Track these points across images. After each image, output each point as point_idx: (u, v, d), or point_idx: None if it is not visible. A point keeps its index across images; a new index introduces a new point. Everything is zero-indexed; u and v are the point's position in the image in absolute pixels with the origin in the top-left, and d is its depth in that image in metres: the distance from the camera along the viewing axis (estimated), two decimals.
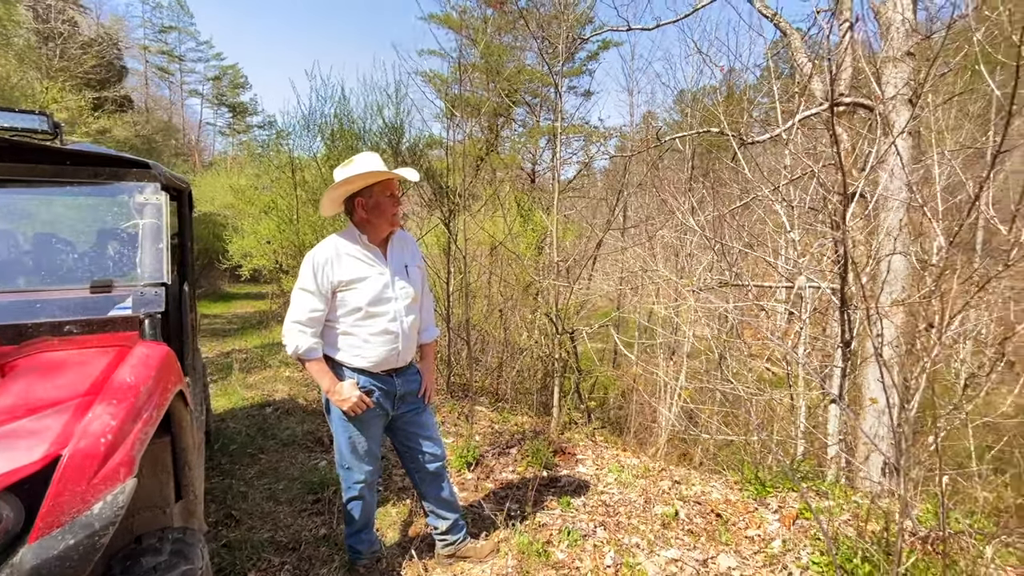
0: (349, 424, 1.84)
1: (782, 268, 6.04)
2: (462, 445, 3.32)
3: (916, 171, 5.03)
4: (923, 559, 1.83)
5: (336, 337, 1.81)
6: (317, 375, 1.79)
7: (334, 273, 1.76)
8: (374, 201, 1.80)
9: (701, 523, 2.40)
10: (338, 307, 1.79)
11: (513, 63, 11.28)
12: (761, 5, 7.33)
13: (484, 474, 3.05)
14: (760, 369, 7.21)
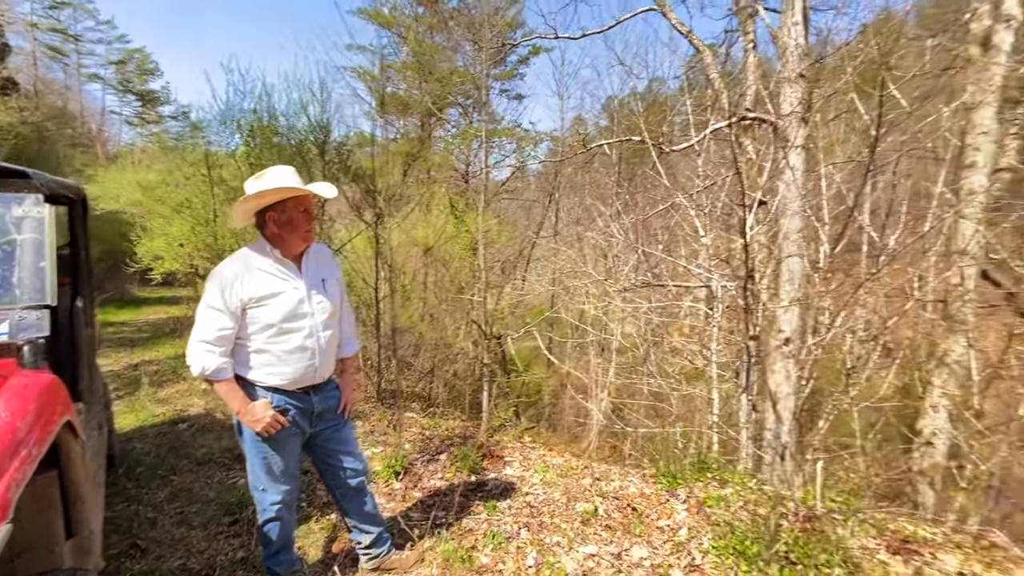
0: (263, 444, 1.80)
1: (696, 270, 6.49)
2: (390, 454, 3.32)
3: (809, 181, 5.60)
4: (802, 536, 2.08)
5: (248, 355, 1.76)
6: (227, 396, 1.73)
7: (243, 289, 1.69)
8: (287, 216, 1.75)
9: (618, 517, 2.57)
10: (249, 324, 1.73)
11: (446, 63, 11.23)
12: (676, 22, 7.81)
13: (412, 483, 3.07)
14: (681, 364, 7.70)
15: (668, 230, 9.58)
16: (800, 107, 5.27)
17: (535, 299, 13.90)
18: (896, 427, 6.46)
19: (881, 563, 1.90)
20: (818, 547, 1.90)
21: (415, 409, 4.56)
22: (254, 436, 1.78)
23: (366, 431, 3.92)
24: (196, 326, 1.70)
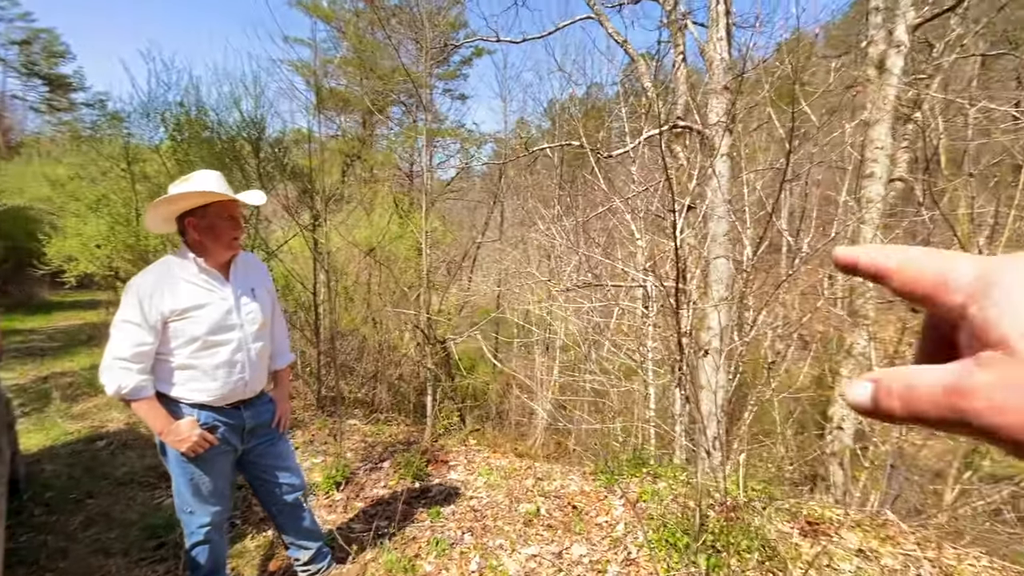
0: (189, 465, 1.71)
1: (632, 271, 6.78)
2: (331, 464, 3.25)
3: (733, 188, 6.00)
4: (726, 525, 2.25)
5: (170, 371, 1.66)
6: (147, 416, 1.63)
7: (164, 302, 1.60)
8: (208, 222, 1.67)
9: (559, 516, 2.66)
10: (172, 338, 1.64)
11: (388, 61, 10.99)
12: (612, 31, 8.10)
13: (354, 492, 3.03)
14: (620, 361, 8.01)
15: (607, 232, 9.93)
16: (725, 117, 5.62)
17: (481, 300, 13.95)
18: (811, 415, 7.07)
19: (794, 545, 2.11)
20: (740, 535, 2.08)
21: (358, 416, 4.47)
22: (179, 456, 1.70)
23: (305, 441, 3.81)
24: (111, 342, 1.59)
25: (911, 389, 0.23)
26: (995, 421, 0.20)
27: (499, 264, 12.80)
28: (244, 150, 6.21)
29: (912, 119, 7.00)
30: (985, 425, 0.21)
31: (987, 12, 7.17)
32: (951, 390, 0.22)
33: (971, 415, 0.21)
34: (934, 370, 0.23)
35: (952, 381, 0.22)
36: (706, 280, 5.80)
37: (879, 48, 5.93)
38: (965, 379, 0.21)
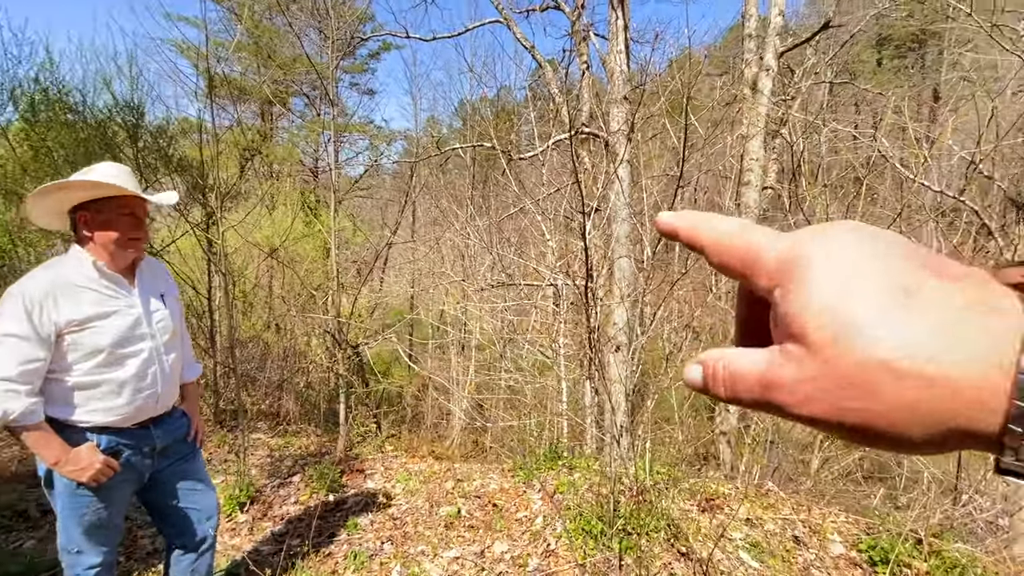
0: (84, 497, 1.48)
1: (544, 270, 7.03)
2: (233, 484, 3.01)
3: (634, 192, 6.45)
4: (636, 509, 2.43)
5: (66, 392, 1.44)
6: (38, 445, 1.39)
7: (59, 311, 1.39)
8: (104, 218, 1.47)
9: (480, 516, 2.70)
10: (68, 353, 1.41)
11: (289, 49, 10.28)
12: (520, 36, 8.29)
13: (261, 512, 2.83)
14: (534, 358, 8.25)
15: (519, 232, 10.17)
16: (625, 126, 6.00)
17: (394, 301, 13.59)
18: (703, 400, 7.79)
19: (694, 521, 2.33)
20: (648, 516, 2.26)
21: (262, 429, 4.17)
22: (72, 488, 1.47)
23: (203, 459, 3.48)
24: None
25: (731, 375, 0.24)
26: (802, 412, 0.22)
27: (412, 264, 12.58)
28: (119, 137, 5.50)
29: (779, 134, 7.97)
30: (794, 415, 0.22)
31: (833, 47, 8.37)
32: (763, 383, 0.23)
33: (783, 407, 0.22)
34: (750, 358, 0.24)
35: (762, 373, 0.23)
36: (611, 278, 6.16)
37: (753, 71, 6.67)
38: (773, 372, 0.22)
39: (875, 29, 9.32)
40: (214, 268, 4.27)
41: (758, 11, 6.95)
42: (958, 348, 0.19)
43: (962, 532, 1.94)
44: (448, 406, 8.14)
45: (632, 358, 6.07)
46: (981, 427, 0.19)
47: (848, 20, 7.67)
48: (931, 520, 1.88)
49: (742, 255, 0.24)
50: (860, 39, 8.33)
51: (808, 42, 6.47)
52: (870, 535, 2.09)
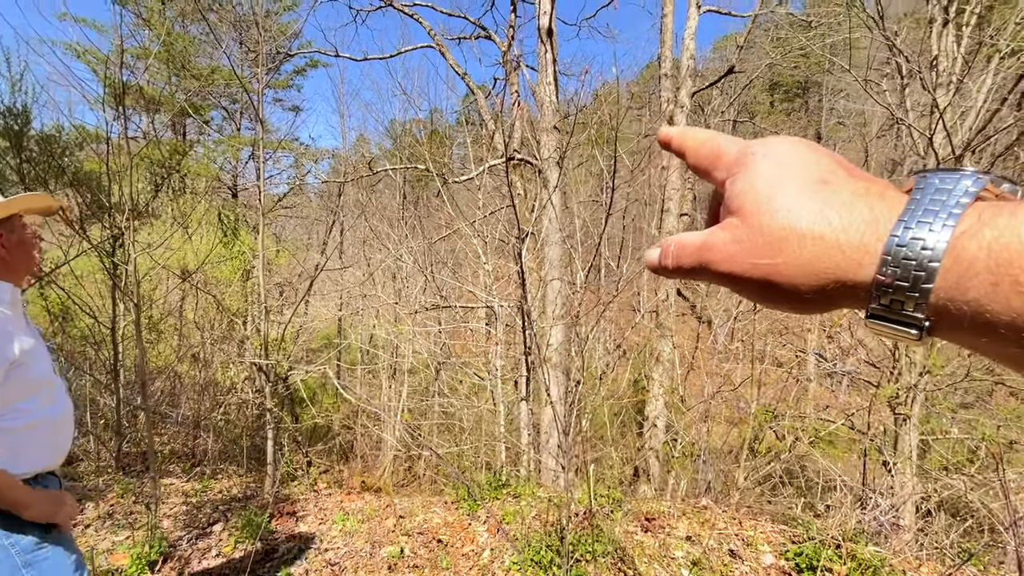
0: (56, 546, 1.31)
1: (479, 292, 7.05)
2: (142, 540, 2.69)
3: (565, 217, 6.69)
4: (583, 534, 2.47)
5: (12, 439, 1.25)
6: (11, 491, 1.21)
7: (9, 343, 1.21)
8: (17, 238, 1.32)
9: (424, 553, 2.62)
10: (12, 391, 1.23)
11: (205, 60, 9.68)
12: (453, 63, 8.43)
13: (176, 570, 2.55)
14: (469, 381, 8.19)
15: (452, 253, 10.14)
16: (556, 153, 6.24)
17: (320, 325, 12.95)
18: (632, 416, 8.11)
19: (639, 542, 2.41)
20: (594, 541, 2.30)
21: (175, 472, 3.79)
22: (35, 545, 1.26)
23: (102, 515, 3.09)
24: None
25: (679, 246, 0.29)
26: (723, 268, 0.27)
27: (340, 287, 12.10)
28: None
29: None
30: (720, 271, 0.27)
31: (735, 89, 9.32)
32: (702, 248, 0.28)
33: (711, 264, 0.28)
34: (695, 233, 0.29)
35: (703, 240, 0.28)
36: (543, 300, 6.30)
37: (669, 108, 7.23)
38: (711, 239, 0.28)
39: (768, 76, 10.57)
40: (119, 294, 3.86)
41: (672, 53, 7.57)
42: (849, 219, 0.24)
43: (871, 534, 2.18)
44: (380, 434, 7.84)
45: (567, 377, 6.21)
46: (859, 278, 0.24)
47: (747, 67, 8.57)
48: (847, 525, 2.09)
49: (710, 153, 0.31)
50: (757, 84, 9.33)
51: (716, 84, 7.13)
52: (795, 543, 2.28)
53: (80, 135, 6.87)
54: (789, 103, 15.93)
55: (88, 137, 6.78)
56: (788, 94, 16.17)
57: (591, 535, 2.26)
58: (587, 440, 5.30)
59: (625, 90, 8.21)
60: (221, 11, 9.15)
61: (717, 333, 6.68)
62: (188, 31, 10.06)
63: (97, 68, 10.08)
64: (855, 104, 6.71)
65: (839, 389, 7.24)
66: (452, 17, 8.58)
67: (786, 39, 6.57)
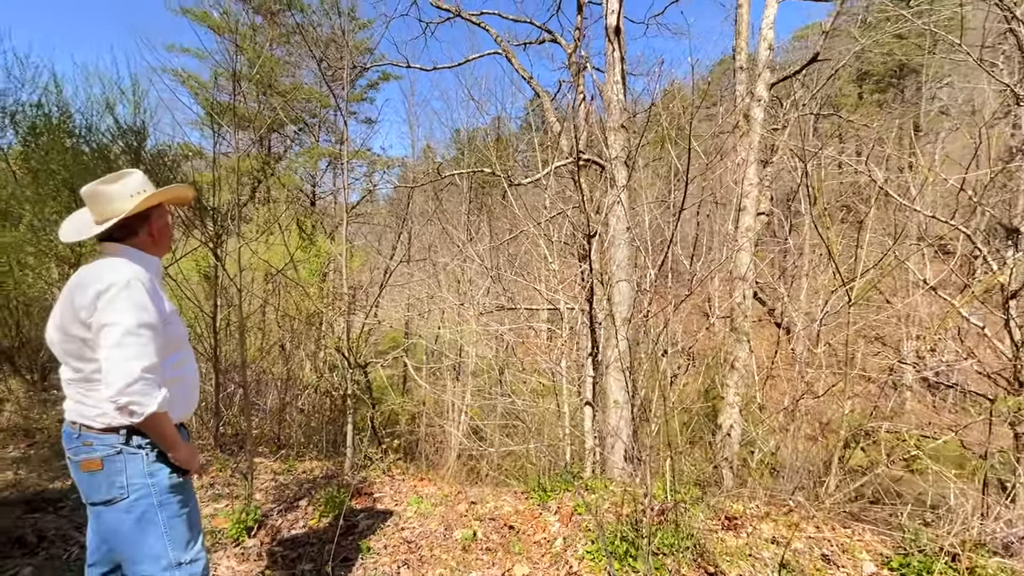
0: (185, 489, 1.49)
1: (544, 293, 7.05)
2: (239, 508, 2.91)
3: (632, 216, 6.56)
4: (659, 527, 2.39)
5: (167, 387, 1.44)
6: (167, 431, 1.39)
7: (163, 303, 1.40)
8: (164, 221, 1.54)
9: (496, 539, 2.63)
10: (165, 346, 1.41)
11: (289, 79, 10.48)
12: (519, 67, 8.54)
13: (270, 537, 2.73)
14: (533, 382, 8.19)
15: (516, 257, 10.23)
16: (623, 153, 6.14)
17: (387, 326, 13.48)
18: (705, 424, 7.75)
19: (720, 540, 2.29)
20: (673, 535, 2.22)
21: (264, 454, 4.06)
22: (174, 488, 1.44)
23: (204, 484, 3.37)
24: (127, 354, 1.29)
25: None
26: None
27: (407, 290, 12.55)
28: (120, 161, 5.52)
29: (771, 162, 8.21)
30: None
31: (818, 81, 8.74)
32: None
33: None
34: None
35: None
36: (610, 302, 6.18)
37: (745, 102, 6.92)
38: None
39: (856, 65, 9.80)
40: (221, 287, 4.24)
41: (747, 46, 7.25)
42: None
43: (995, 547, 1.93)
44: (450, 430, 7.99)
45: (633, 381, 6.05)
46: None
47: (832, 56, 8.03)
48: (967, 534, 1.87)
49: None
50: (842, 74, 8.72)
51: (797, 75, 6.75)
52: (900, 553, 2.07)
53: (184, 150, 7.61)
54: (881, 94, 14.67)
55: (191, 153, 7.50)
56: (879, 84, 14.90)
57: (670, 529, 2.18)
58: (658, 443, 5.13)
59: (697, 85, 7.95)
60: (305, 33, 9.86)
61: (800, 337, 6.25)
62: (273, 52, 10.93)
63: (198, 92, 11.20)
64: (962, 86, 6.09)
65: (943, 405, 6.50)
66: (518, 23, 8.73)
67: (877, 23, 6.07)
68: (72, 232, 1.49)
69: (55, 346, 1.43)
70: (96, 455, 1.39)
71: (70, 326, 1.37)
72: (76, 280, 1.42)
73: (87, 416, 1.40)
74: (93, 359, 1.36)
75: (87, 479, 1.42)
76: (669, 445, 6.78)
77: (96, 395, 1.39)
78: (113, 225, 1.44)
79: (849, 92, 14.84)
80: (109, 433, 1.39)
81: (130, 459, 1.41)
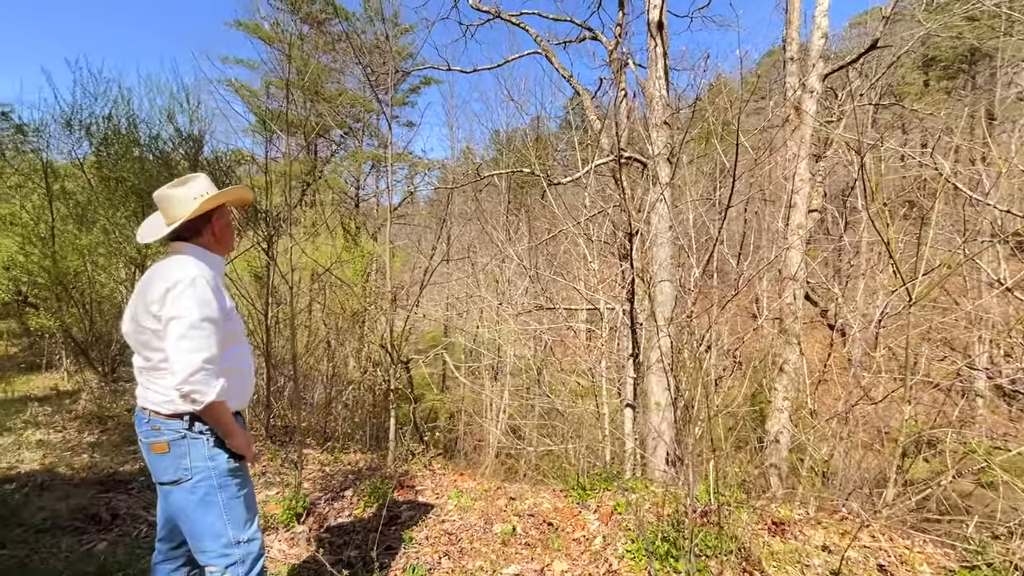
0: (242, 473, 1.59)
1: (584, 292, 6.99)
2: (289, 495, 3.04)
3: (675, 215, 6.40)
4: (702, 529, 2.33)
5: (226, 377, 1.54)
6: (225, 418, 1.50)
7: (224, 298, 1.52)
8: (225, 221, 1.65)
9: (536, 535, 2.64)
10: (224, 339, 1.52)
11: (334, 85, 10.87)
12: (559, 66, 8.51)
13: (317, 523, 2.84)
14: (571, 382, 8.13)
15: (555, 257, 10.20)
16: (666, 150, 6.01)
17: (426, 326, 13.74)
18: (751, 429, 7.47)
19: (766, 544, 2.21)
20: (716, 538, 2.16)
21: (311, 445, 4.23)
22: (233, 471, 1.54)
23: (256, 473, 3.54)
24: (191, 346, 1.40)
25: None
26: None
27: (446, 289, 12.74)
28: (180, 167, 5.88)
29: (824, 156, 7.83)
30: None
31: (877, 69, 8.27)
32: None
33: None
34: None
35: None
36: (652, 302, 6.06)
37: (796, 94, 6.63)
38: None
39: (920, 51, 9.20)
40: (272, 286, 4.44)
41: (799, 36, 6.95)
42: None
43: None
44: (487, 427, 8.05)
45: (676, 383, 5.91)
46: None
47: (892, 42, 7.58)
48: None
49: None
50: (905, 61, 8.21)
51: (854, 63, 6.42)
52: (965, 567, 1.93)
53: (238, 157, 8.00)
54: (949, 81, 13.64)
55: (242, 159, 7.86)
56: (947, 70, 13.86)
57: (713, 532, 2.12)
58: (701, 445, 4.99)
59: (745, 78, 7.69)
60: (351, 40, 10.18)
61: (855, 340, 5.93)
62: (319, 60, 11.35)
63: (249, 100, 11.77)
64: None
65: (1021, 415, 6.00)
66: (558, 22, 8.70)
67: (945, 5, 5.66)
68: (147, 234, 1.61)
69: (129, 336, 1.55)
70: (163, 438, 1.49)
71: (142, 318, 1.47)
72: (148, 276, 1.53)
73: (155, 402, 1.50)
74: (161, 349, 1.46)
75: (156, 460, 1.53)
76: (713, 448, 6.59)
77: (163, 383, 1.49)
78: (179, 226, 1.54)
79: (912, 80, 13.91)
80: (174, 419, 1.49)
81: (193, 443, 1.50)
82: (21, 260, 5.25)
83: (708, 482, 2.51)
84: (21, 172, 5.64)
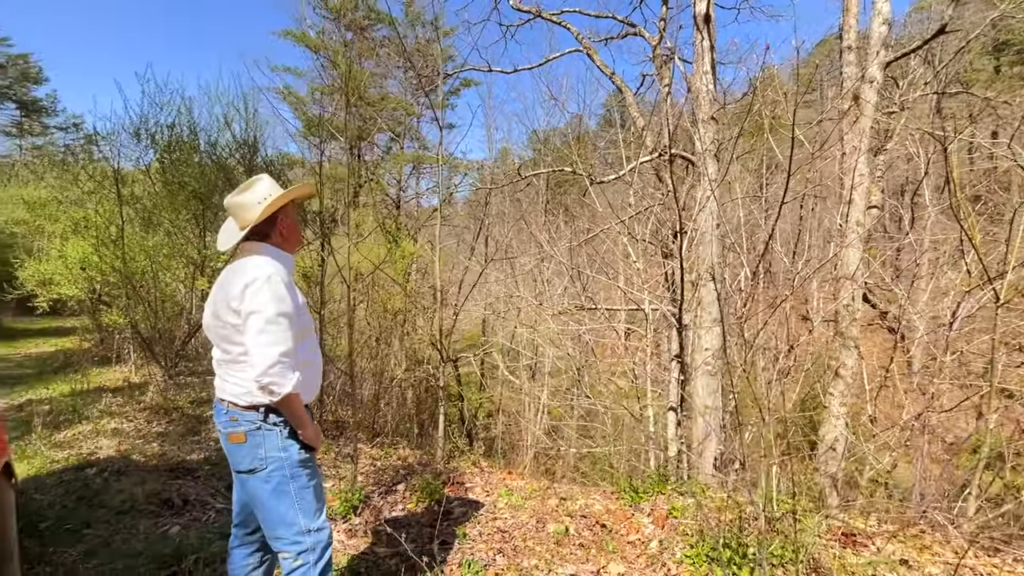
0: (311, 464, 1.64)
1: (627, 292, 6.87)
2: (345, 488, 3.13)
3: (723, 212, 6.20)
4: (764, 537, 2.24)
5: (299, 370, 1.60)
6: (298, 411, 1.55)
7: (297, 295, 1.58)
8: (291, 220, 1.70)
9: (589, 536, 2.61)
10: (296, 335, 1.56)
11: (376, 90, 11.13)
12: (600, 63, 8.41)
13: (373, 516, 2.91)
14: (615, 384, 8.02)
15: (595, 257, 10.09)
16: (713, 146, 5.84)
17: (466, 325, 13.86)
18: (803, 436, 7.17)
19: (837, 557, 2.11)
20: (781, 547, 2.07)
21: (361, 440, 4.34)
22: (303, 463, 1.60)
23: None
24: (268, 340, 1.45)
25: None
26: None
27: (485, 289, 12.81)
28: (236, 171, 6.16)
29: (883, 150, 7.42)
30: None
31: (943, 55, 7.77)
32: None
33: None
34: None
35: None
36: (699, 303, 5.89)
37: (855, 84, 6.31)
38: None
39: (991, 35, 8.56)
40: (324, 284, 4.58)
41: (856, 23, 6.61)
42: None
43: None
44: (528, 427, 8.04)
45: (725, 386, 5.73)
46: None
47: (960, 27, 7.11)
48: None
49: None
50: (974, 46, 7.68)
51: (918, 50, 6.06)
52: None
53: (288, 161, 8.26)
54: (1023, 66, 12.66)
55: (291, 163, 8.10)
56: (1021, 54, 12.86)
57: (776, 540, 2.04)
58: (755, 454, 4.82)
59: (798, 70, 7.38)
60: (389, 45, 10.41)
61: (921, 343, 5.58)
62: (362, 65, 11.64)
63: (297, 107, 12.20)
64: None
65: None
66: (599, 19, 8.60)
67: None
68: (225, 241, 1.68)
69: (210, 331, 1.62)
70: (240, 429, 1.55)
71: (223, 313, 1.54)
72: (227, 274, 1.59)
73: (233, 394, 1.56)
74: (240, 343, 1.52)
75: (234, 450, 1.59)
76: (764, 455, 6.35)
77: (241, 375, 1.55)
78: (249, 231, 1.61)
79: (982, 66, 12.96)
80: (251, 410, 1.55)
81: (267, 434, 1.56)
82: (95, 260, 5.62)
83: (769, 488, 2.42)
84: (95, 179, 6.03)
